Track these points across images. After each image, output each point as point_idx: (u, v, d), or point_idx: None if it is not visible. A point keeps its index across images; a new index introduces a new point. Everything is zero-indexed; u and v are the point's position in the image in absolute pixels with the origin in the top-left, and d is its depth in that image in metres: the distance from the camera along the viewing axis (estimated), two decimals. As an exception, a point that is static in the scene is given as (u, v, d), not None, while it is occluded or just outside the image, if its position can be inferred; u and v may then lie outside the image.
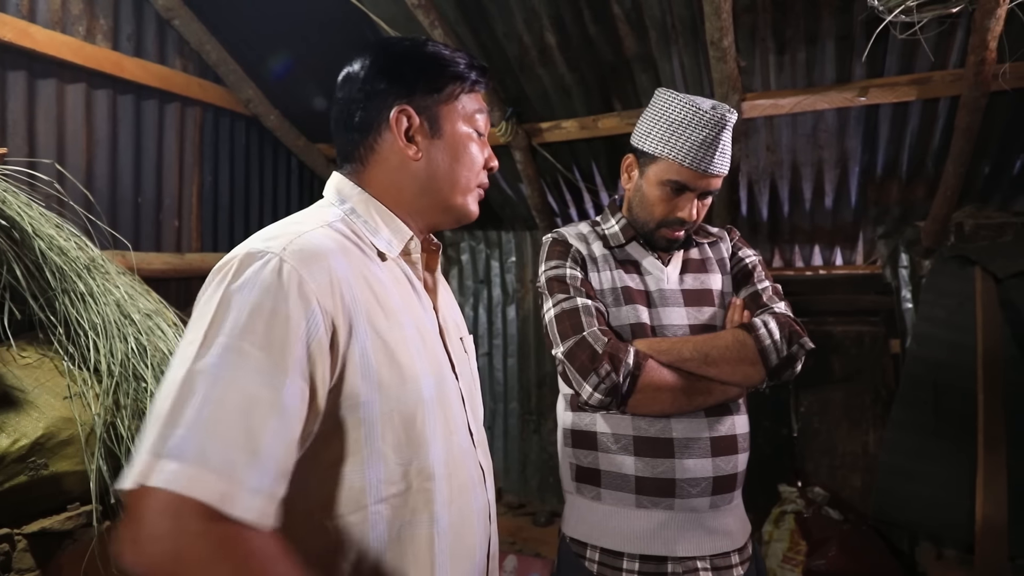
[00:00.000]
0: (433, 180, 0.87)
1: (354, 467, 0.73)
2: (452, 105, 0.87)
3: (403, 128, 0.84)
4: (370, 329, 0.75)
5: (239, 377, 0.63)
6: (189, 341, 0.65)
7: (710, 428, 1.16)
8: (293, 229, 0.76)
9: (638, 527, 1.15)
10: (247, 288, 0.67)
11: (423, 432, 0.79)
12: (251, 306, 0.65)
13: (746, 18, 2.09)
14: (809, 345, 1.16)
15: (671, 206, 1.20)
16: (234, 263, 0.70)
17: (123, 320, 1.80)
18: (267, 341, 0.65)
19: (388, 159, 0.86)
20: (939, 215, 2.50)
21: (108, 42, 2.30)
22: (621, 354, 1.10)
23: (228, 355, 0.63)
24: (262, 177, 3.01)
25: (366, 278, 0.78)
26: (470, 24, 2.36)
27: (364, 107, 0.86)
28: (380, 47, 0.88)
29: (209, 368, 0.62)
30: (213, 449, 0.59)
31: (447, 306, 0.97)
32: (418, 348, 0.81)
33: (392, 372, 0.76)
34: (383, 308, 0.78)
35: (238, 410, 0.62)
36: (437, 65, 0.87)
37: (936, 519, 2.24)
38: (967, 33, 1.98)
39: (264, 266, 0.68)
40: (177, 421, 0.60)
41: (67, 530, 1.55)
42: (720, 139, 1.15)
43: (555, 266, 1.23)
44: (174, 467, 0.58)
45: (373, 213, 0.86)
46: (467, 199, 0.90)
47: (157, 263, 2.42)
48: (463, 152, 0.88)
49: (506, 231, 3.49)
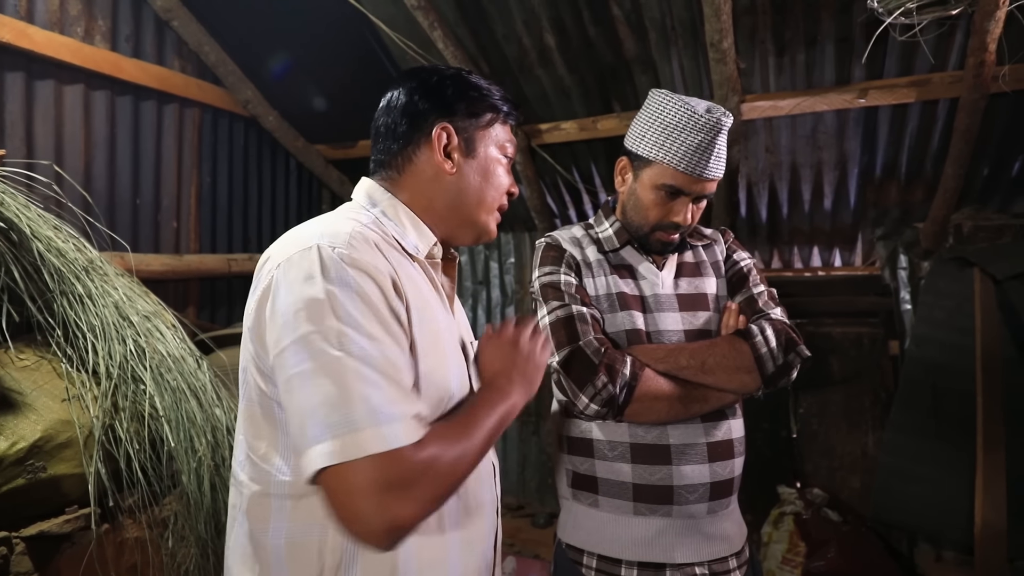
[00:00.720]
0: (463, 195, 0.93)
1: None
2: (487, 131, 0.94)
3: (442, 144, 0.91)
4: (417, 316, 0.82)
5: (370, 355, 0.72)
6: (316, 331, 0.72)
7: (706, 434, 1.16)
8: (339, 225, 0.81)
9: (636, 534, 1.14)
10: (339, 277, 0.74)
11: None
12: (353, 294, 0.73)
13: (746, 20, 2.09)
14: (805, 353, 1.15)
15: (666, 210, 1.20)
16: (311, 257, 0.75)
17: (121, 322, 1.79)
18: (375, 320, 0.74)
19: (424, 170, 0.93)
20: (938, 217, 2.50)
21: (106, 43, 2.30)
22: (618, 364, 1.10)
23: (353, 342, 0.72)
24: (260, 178, 3.00)
25: (408, 273, 0.84)
26: (469, 25, 2.36)
27: (408, 122, 0.93)
28: (427, 72, 0.96)
29: (347, 352, 0.71)
30: (402, 407, 0.72)
31: (461, 311, 1.04)
32: (447, 342, 0.88)
33: (431, 358, 0.82)
34: (421, 299, 0.85)
35: (386, 379, 0.72)
36: (478, 93, 0.94)
37: (935, 521, 2.24)
38: (966, 35, 1.98)
39: (340, 258, 0.75)
40: (338, 403, 0.69)
41: (65, 533, 1.54)
42: (716, 143, 1.14)
43: (549, 272, 1.22)
44: (395, 428, 0.69)
45: (402, 217, 0.92)
46: (489, 218, 0.96)
47: (155, 264, 2.41)
48: (492, 174, 0.95)
49: (505, 232, 3.49)
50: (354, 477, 0.68)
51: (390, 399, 0.71)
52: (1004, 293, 2.27)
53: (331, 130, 3.05)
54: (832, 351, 2.97)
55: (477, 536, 0.89)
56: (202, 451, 1.78)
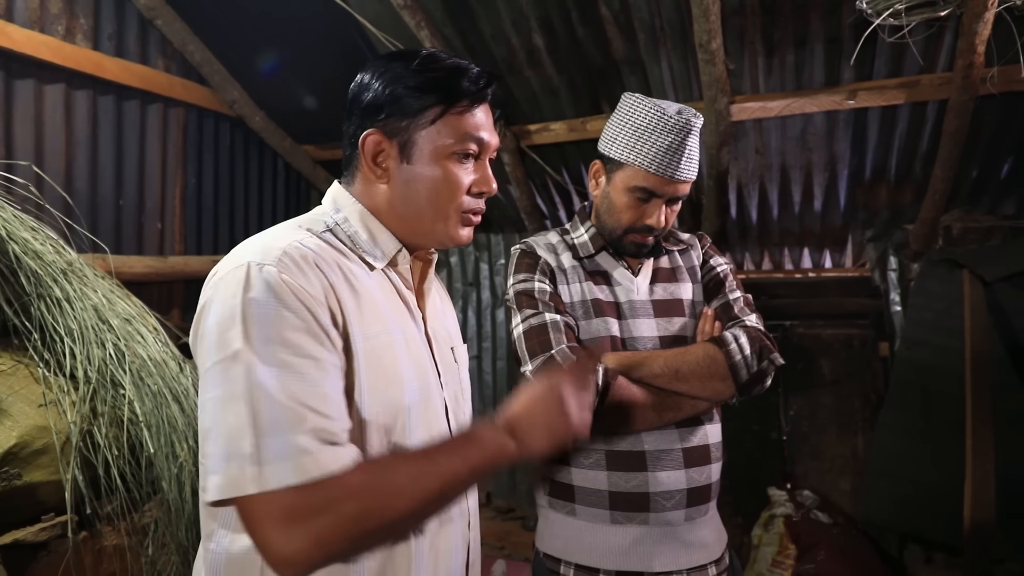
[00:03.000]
0: (405, 205, 0.86)
1: None
2: (432, 129, 0.84)
3: (370, 153, 0.85)
4: (361, 332, 0.78)
5: (288, 382, 0.70)
6: (228, 356, 0.70)
7: (681, 439, 1.15)
8: (285, 238, 0.78)
9: (613, 543, 1.13)
10: (260, 300, 0.71)
11: (404, 436, 0.81)
12: (272, 317, 0.70)
13: (735, 20, 2.08)
14: (779, 361, 1.15)
15: (639, 213, 1.19)
16: (239, 275, 0.72)
17: (101, 325, 1.76)
18: (299, 348, 0.71)
19: (366, 177, 0.88)
20: (927, 219, 2.50)
21: (88, 42, 2.26)
22: None
23: (272, 367, 0.69)
24: (247, 179, 2.97)
25: (354, 287, 0.80)
26: (457, 25, 2.34)
27: (350, 123, 0.88)
28: (379, 63, 0.88)
29: (263, 378, 0.68)
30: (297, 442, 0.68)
31: (437, 316, 0.98)
32: (403, 355, 0.83)
33: (377, 376, 0.78)
34: (371, 314, 0.80)
35: (300, 407, 0.69)
36: (417, 85, 0.84)
37: (925, 522, 2.24)
38: (955, 37, 1.98)
39: (267, 278, 0.72)
40: (261, 431, 0.67)
41: (41, 541, 1.51)
42: (686, 144, 1.14)
43: (523, 279, 1.21)
44: (281, 467, 0.66)
45: (364, 224, 0.87)
46: (447, 225, 0.88)
47: (139, 266, 2.38)
48: (439, 180, 0.85)
49: (495, 233, 3.47)
50: (245, 509, 0.68)
51: (287, 433, 0.68)
52: (993, 295, 2.27)
53: (319, 130, 3.02)
54: (822, 353, 2.96)
55: (444, 548, 0.86)
56: (183, 456, 1.75)
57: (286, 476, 0.66)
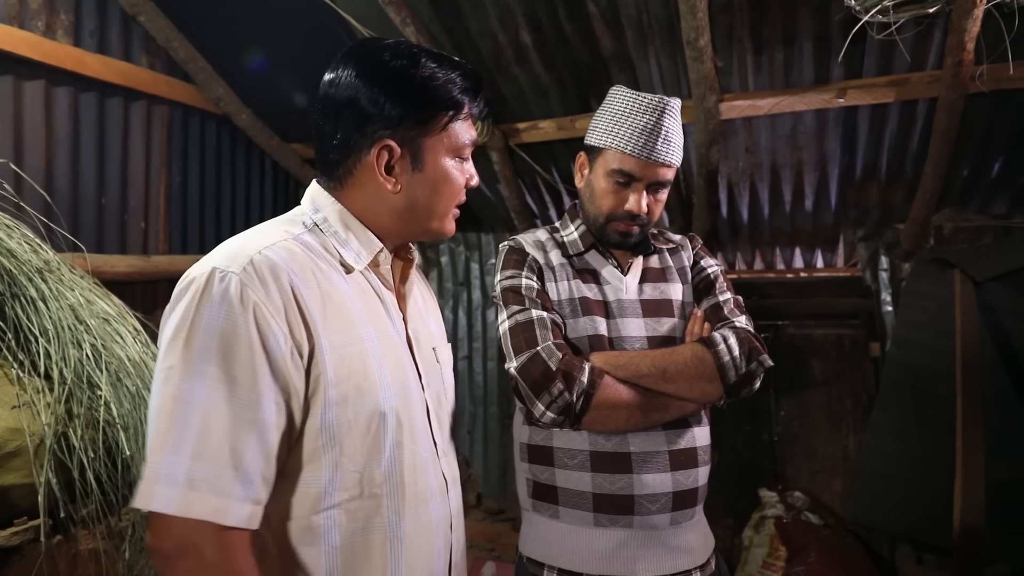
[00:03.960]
0: (411, 211, 0.87)
1: (312, 473, 0.77)
2: (439, 136, 0.85)
3: (383, 162, 0.83)
4: (329, 343, 0.77)
5: (217, 401, 0.69)
6: (168, 366, 0.70)
7: (668, 442, 1.12)
8: (257, 243, 0.78)
9: (597, 546, 1.11)
10: (213, 312, 0.70)
11: (380, 441, 0.80)
12: (220, 331, 0.70)
13: (723, 18, 2.06)
14: (768, 363, 1.13)
15: (620, 199, 1.17)
16: (199, 283, 0.72)
17: (78, 325, 1.73)
18: (238, 364, 0.70)
19: (365, 186, 0.85)
20: (918, 218, 2.48)
21: (69, 38, 2.23)
22: (575, 371, 1.06)
23: (205, 381, 0.69)
24: (234, 178, 2.94)
25: (327, 292, 0.79)
26: (443, 22, 2.31)
27: (345, 129, 0.84)
28: (368, 61, 0.84)
29: (189, 396, 0.68)
30: (203, 471, 0.67)
31: (419, 316, 0.97)
32: (379, 360, 0.82)
33: (351, 383, 0.78)
34: (343, 321, 0.80)
35: (221, 432, 0.69)
36: (428, 95, 0.83)
37: (916, 524, 2.22)
38: (944, 34, 1.96)
39: (226, 289, 0.71)
40: (167, 447, 0.68)
41: (14, 546, 1.48)
42: (663, 124, 1.13)
43: (510, 276, 1.19)
44: (169, 492, 0.66)
45: (344, 225, 0.86)
46: (443, 223, 0.90)
47: (121, 266, 2.35)
48: (443, 184, 0.87)
49: (485, 233, 3.45)
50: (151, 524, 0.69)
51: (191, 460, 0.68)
52: (984, 295, 2.26)
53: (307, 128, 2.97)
54: (813, 353, 2.95)
55: (425, 551, 0.85)
56: (163, 459, 1.72)
57: (167, 503, 0.67)
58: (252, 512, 0.71)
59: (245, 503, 0.69)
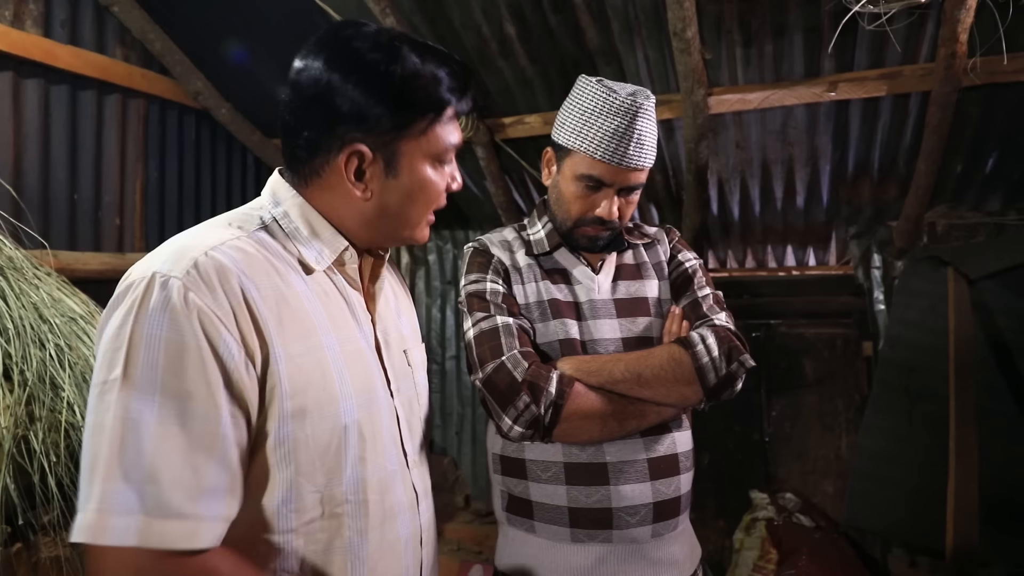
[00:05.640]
0: (381, 219, 0.80)
1: (269, 494, 0.71)
2: (417, 141, 0.78)
3: (353, 167, 0.76)
4: (285, 351, 0.71)
5: (170, 419, 0.62)
6: (104, 381, 0.63)
7: (647, 449, 1.06)
8: (204, 242, 0.70)
9: (575, 562, 1.04)
10: (155, 321, 0.64)
11: (340, 457, 0.74)
12: (165, 342, 0.63)
13: (711, 8, 2.00)
14: (750, 363, 1.06)
15: (588, 203, 1.10)
16: (139, 289, 0.66)
17: (41, 324, 1.67)
18: (189, 377, 0.64)
19: (333, 188, 0.78)
20: (911, 215, 2.43)
21: (39, 28, 2.16)
22: (542, 382, 1.00)
23: (155, 397, 0.62)
24: (215, 174, 2.87)
25: (284, 296, 0.73)
26: (425, 13, 2.25)
27: (313, 126, 0.76)
28: (342, 51, 0.75)
29: (138, 415, 0.62)
30: (164, 496, 0.61)
31: (390, 317, 0.91)
32: (340, 368, 0.76)
33: (309, 395, 0.72)
34: (301, 327, 0.73)
35: (178, 452, 0.62)
36: (408, 96, 0.75)
37: (909, 526, 2.18)
38: (937, 25, 1.91)
39: (168, 295, 0.65)
40: (117, 474, 0.60)
41: (-31, 555, 1.42)
42: (635, 128, 1.05)
43: (475, 280, 1.13)
44: (126, 522, 0.59)
45: (306, 221, 0.79)
46: (415, 231, 0.83)
47: (94, 263, 2.28)
48: (420, 192, 0.80)
49: (474, 230, 3.39)
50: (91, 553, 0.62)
51: (143, 484, 0.61)
52: (978, 293, 2.22)
53: (289, 124, 2.92)
54: (805, 352, 2.90)
55: (391, 572, 0.80)
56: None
57: (125, 535, 0.60)
58: (220, 532, 0.66)
59: (215, 522, 0.64)
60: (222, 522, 0.65)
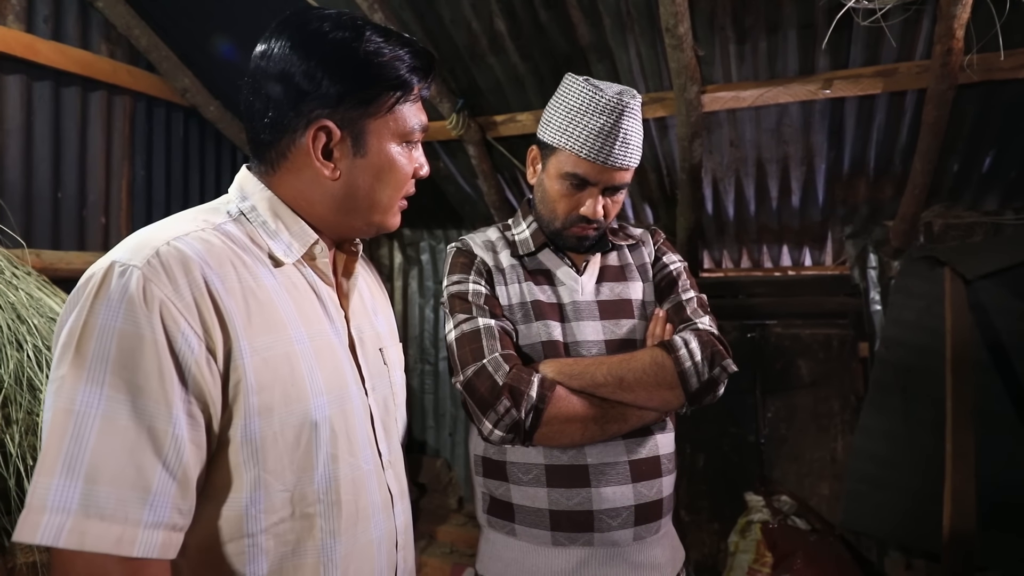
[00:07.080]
0: (351, 200, 0.79)
1: (235, 494, 0.69)
2: (384, 119, 0.78)
3: (320, 145, 0.75)
4: (250, 344, 0.69)
5: (118, 414, 0.60)
6: (59, 376, 0.61)
7: (628, 451, 1.04)
8: (167, 233, 0.68)
9: (556, 566, 1.03)
10: (111, 312, 0.62)
11: (311, 456, 0.72)
12: (118, 334, 0.61)
13: (704, 4, 1.97)
14: (732, 368, 1.05)
15: (573, 202, 1.09)
16: (96, 280, 0.64)
17: (19, 325, 1.63)
18: (142, 371, 0.61)
19: (300, 171, 0.77)
20: (907, 214, 2.41)
21: (21, 23, 2.12)
22: (523, 386, 0.98)
23: (103, 391, 0.60)
24: (203, 171, 2.83)
25: (250, 288, 0.71)
26: (415, 9, 2.22)
27: (278, 107, 0.75)
28: (305, 31, 0.75)
29: (83, 408, 0.59)
30: (101, 495, 0.58)
31: (364, 314, 0.88)
32: (310, 363, 0.73)
33: (276, 390, 0.69)
34: (268, 320, 0.71)
35: (123, 450, 0.60)
36: (372, 72, 0.76)
37: (905, 528, 2.16)
38: (933, 21, 1.88)
39: (126, 285, 0.63)
40: (56, 469, 0.58)
41: (-59, 562, 1.39)
42: (620, 127, 1.04)
43: (457, 281, 1.11)
44: (58, 521, 0.57)
45: (274, 213, 0.78)
46: (386, 216, 0.82)
47: (78, 263, 2.25)
48: (388, 172, 0.79)
49: (467, 229, 3.36)
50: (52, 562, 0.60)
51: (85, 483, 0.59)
52: (975, 293, 2.19)
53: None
54: (801, 353, 2.87)
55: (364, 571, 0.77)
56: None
57: (56, 534, 0.57)
58: (166, 540, 0.62)
59: (156, 530, 0.61)
60: (166, 530, 0.62)
